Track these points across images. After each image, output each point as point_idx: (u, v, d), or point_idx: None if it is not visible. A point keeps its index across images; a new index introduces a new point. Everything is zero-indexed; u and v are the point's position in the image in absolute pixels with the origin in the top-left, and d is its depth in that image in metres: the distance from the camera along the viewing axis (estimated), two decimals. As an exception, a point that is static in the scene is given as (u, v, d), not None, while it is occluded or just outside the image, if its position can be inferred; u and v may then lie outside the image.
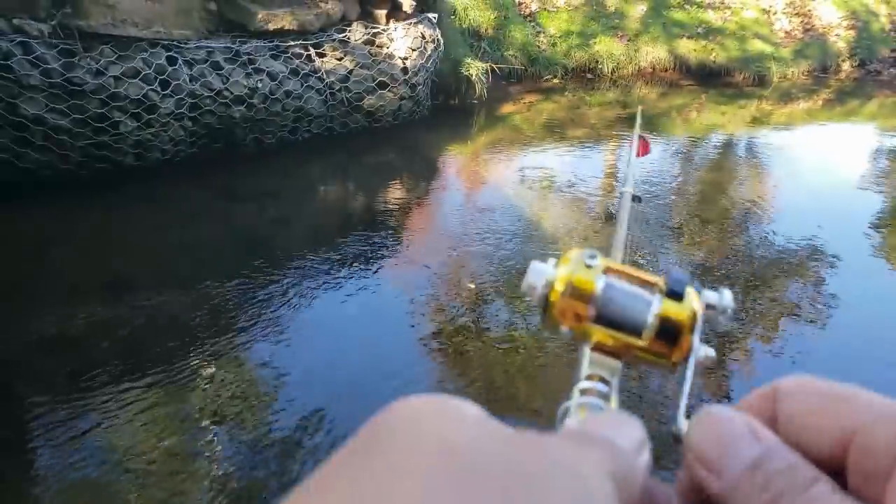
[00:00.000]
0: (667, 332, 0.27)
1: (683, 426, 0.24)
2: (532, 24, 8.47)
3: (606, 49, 8.65)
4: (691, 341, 0.27)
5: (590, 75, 8.58)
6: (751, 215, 4.67)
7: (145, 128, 4.31)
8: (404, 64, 5.75)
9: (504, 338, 2.98)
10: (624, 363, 0.29)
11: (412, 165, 5.53)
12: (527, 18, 8.49)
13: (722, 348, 2.91)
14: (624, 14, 9.18)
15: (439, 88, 6.58)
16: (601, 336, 0.28)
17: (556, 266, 0.28)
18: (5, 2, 3.75)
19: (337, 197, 4.78)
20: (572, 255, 0.29)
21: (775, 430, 0.23)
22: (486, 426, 0.20)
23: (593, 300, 0.27)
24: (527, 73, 8.00)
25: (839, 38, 10.35)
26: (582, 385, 0.28)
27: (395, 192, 4.87)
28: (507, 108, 7.12)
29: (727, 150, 6.55)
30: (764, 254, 3.99)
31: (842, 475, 0.22)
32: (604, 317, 0.27)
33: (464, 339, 2.97)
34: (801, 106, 8.42)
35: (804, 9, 10.48)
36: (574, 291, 0.28)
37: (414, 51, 5.79)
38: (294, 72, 5.09)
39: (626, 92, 8.25)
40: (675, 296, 0.27)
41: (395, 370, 2.71)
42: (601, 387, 0.28)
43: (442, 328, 3.05)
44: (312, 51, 5.19)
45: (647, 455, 0.23)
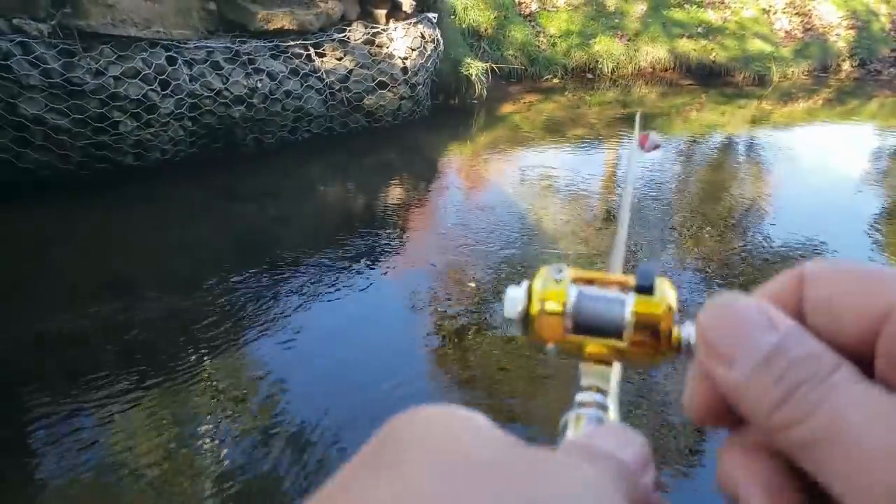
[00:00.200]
0: (646, 328, 0.27)
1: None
2: (532, 23, 8.47)
3: (606, 49, 8.65)
4: (673, 329, 0.27)
5: (590, 75, 8.58)
6: (751, 215, 4.67)
7: (145, 128, 4.31)
8: (404, 64, 5.75)
9: (505, 336, 2.98)
10: (622, 367, 0.29)
11: (412, 165, 5.53)
12: (527, 18, 8.49)
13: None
14: (624, 14, 9.18)
15: (439, 88, 6.58)
16: (586, 346, 0.28)
17: (528, 287, 0.29)
18: (5, 2, 3.75)
19: (337, 197, 4.78)
20: (540, 272, 0.29)
21: (800, 318, 0.21)
22: (495, 439, 0.20)
23: (567, 312, 0.28)
24: (527, 73, 8.00)
25: (839, 37, 10.35)
26: (580, 397, 0.28)
27: (396, 192, 4.87)
28: (507, 107, 7.12)
29: (727, 150, 6.55)
30: (764, 253, 3.99)
31: (870, 365, 0.20)
32: (582, 326, 0.28)
33: (464, 338, 2.97)
34: (801, 106, 8.42)
35: (804, 8, 10.48)
36: (548, 307, 0.28)
37: (414, 50, 5.79)
38: (294, 72, 5.09)
39: (625, 92, 8.25)
40: (646, 290, 0.27)
41: (396, 369, 2.71)
42: (599, 397, 0.28)
43: (442, 327, 3.05)
44: (312, 51, 5.19)
45: (651, 471, 0.22)
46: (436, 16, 6.15)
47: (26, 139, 3.87)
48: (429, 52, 5.96)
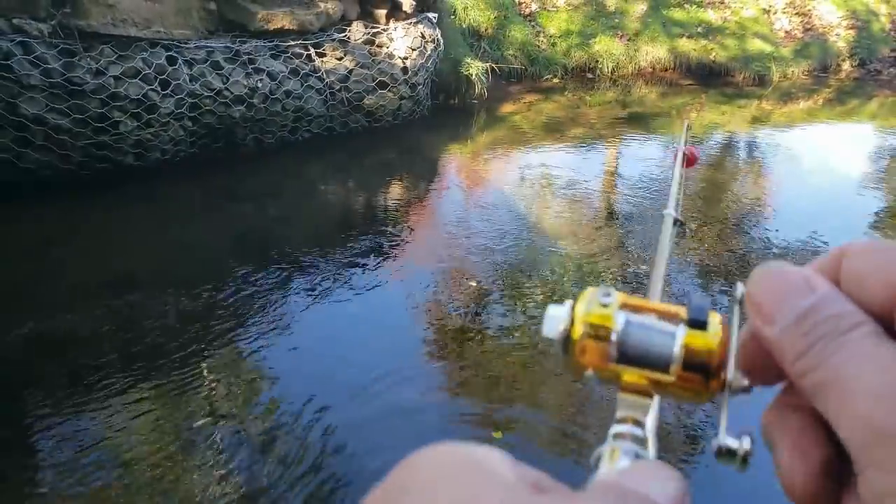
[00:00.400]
0: (695, 364, 0.26)
1: (726, 441, 0.25)
2: (532, 23, 8.47)
3: (606, 49, 8.65)
4: (724, 369, 0.26)
5: (590, 75, 8.58)
6: (751, 215, 4.68)
7: (145, 128, 4.32)
8: (404, 64, 5.75)
9: (506, 335, 2.98)
10: (660, 399, 0.28)
11: (412, 165, 5.53)
12: (527, 18, 8.49)
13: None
14: (624, 13, 9.18)
15: (439, 88, 6.59)
16: (628, 375, 0.27)
17: (571, 308, 0.27)
18: (5, 2, 3.75)
19: (337, 197, 4.78)
20: (587, 294, 0.28)
21: (839, 287, 0.24)
22: (513, 487, 0.19)
23: (613, 339, 0.26)
24: (527, 73, 8.01)
25: (839, 37, 10.35)
26: (615, 429, 0.26)
27: (396, 192, 4.87)
28: (507, 107, 7.12)
29: (727, 150, 6.55)
30: (764, 254, 3.99)
31: None
32: (626, 355, 0.26)
33: (465, 337, 2.97)
34: (801, 106, 8.42)
35: (804, 8, 10.48)
36: (592, 332, 0.27)
37: (414, 50, 5.79)
38: (294, 72, 5.09)
39: (625, 91, 8.25)
40: (698, 324, 0.26)
41: (397, 368, 2.71)
42: (636, 430, 0.26)
43: (444, 326, 3.05)
44: (312, 50, 5.19)
45: None
46: (436, 16, 6.16)
47: (27, 139, 3.87)
48: (429, 52, 5.96)
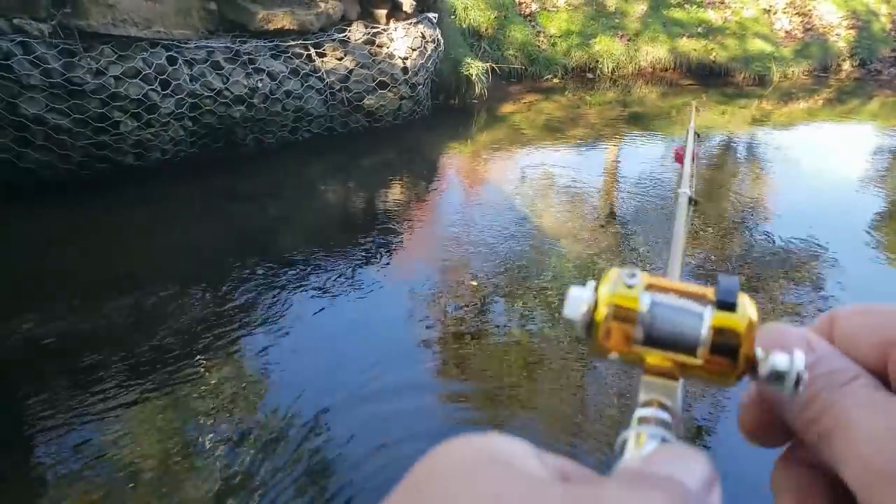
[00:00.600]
0: (723, 346, 0.25)
1: (775, 363, 0.26)
2: (532, 23, 8.47)
3: (606, 49, 8.65)
4: (753, 351, 0.25)
5: (590, 75, 8.58)
6: (751, 215, 4.67)
7: (145, 128, 4.32)
8: (404, 64, 5.75)
9: (506, 334, 2.98)
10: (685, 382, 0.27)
11: (413, 165, 5.53)
12: (527, 18, 8.49)
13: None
14: (624, 13, 9.18)
15: (439, 88, 6.59)
16: (653, 358, 0.26)
17: (595, 289, 0.27)
18: (5, 2, 3.75)
19: (337, 197, 4.78)
20: (611, 274, 0.27)
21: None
22: (538, 478, 0.19)
23: (639, 320, 0.26)
24: (527, 73, 8.01)
25: (839, 37, 10.35)
26: (640, 413, 0.26)
27: (396, 192, 4.88)
28: (507, 107, 7.12)
29: (727, 150, 6.55)
30: (764, 254, 3.99)
31: None
32: (653, 337, 0.26)
33: (466, 336, 2.97)
34: (802, 106, 8.42)
35: (804, 8, 10.48)
36: (618, 313, 0.26)
37: (414, 50, 5.79)
38: (294, 72, 5.09)
39: (625, 91, 8.25)
40: (727, 306, 0.25)
41: (397, 368, 2.71)
42: (661, 414, 0.25)
43: (444, 326, 3.05)
44: (312, 51, 5.19)
45: (717, 493, 0.21)
46: (436, 16, 6.16)
47: (27, 139, 3.87)
48: (429, 52, 5.96)
